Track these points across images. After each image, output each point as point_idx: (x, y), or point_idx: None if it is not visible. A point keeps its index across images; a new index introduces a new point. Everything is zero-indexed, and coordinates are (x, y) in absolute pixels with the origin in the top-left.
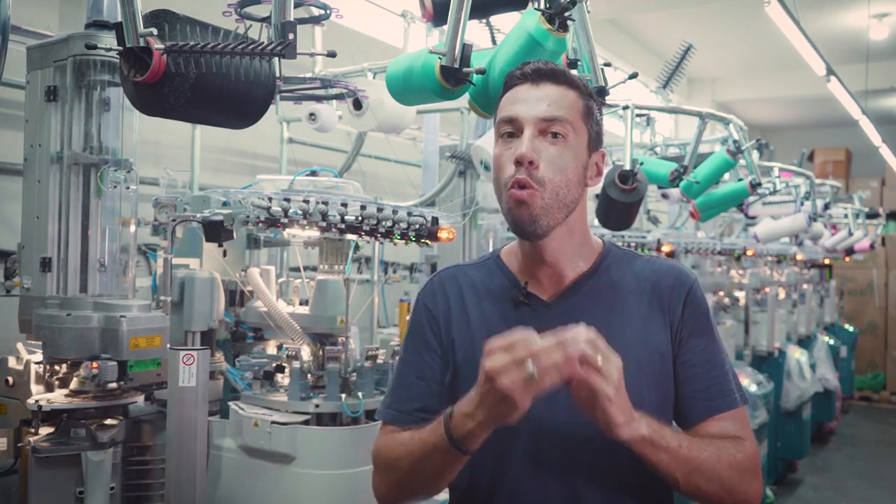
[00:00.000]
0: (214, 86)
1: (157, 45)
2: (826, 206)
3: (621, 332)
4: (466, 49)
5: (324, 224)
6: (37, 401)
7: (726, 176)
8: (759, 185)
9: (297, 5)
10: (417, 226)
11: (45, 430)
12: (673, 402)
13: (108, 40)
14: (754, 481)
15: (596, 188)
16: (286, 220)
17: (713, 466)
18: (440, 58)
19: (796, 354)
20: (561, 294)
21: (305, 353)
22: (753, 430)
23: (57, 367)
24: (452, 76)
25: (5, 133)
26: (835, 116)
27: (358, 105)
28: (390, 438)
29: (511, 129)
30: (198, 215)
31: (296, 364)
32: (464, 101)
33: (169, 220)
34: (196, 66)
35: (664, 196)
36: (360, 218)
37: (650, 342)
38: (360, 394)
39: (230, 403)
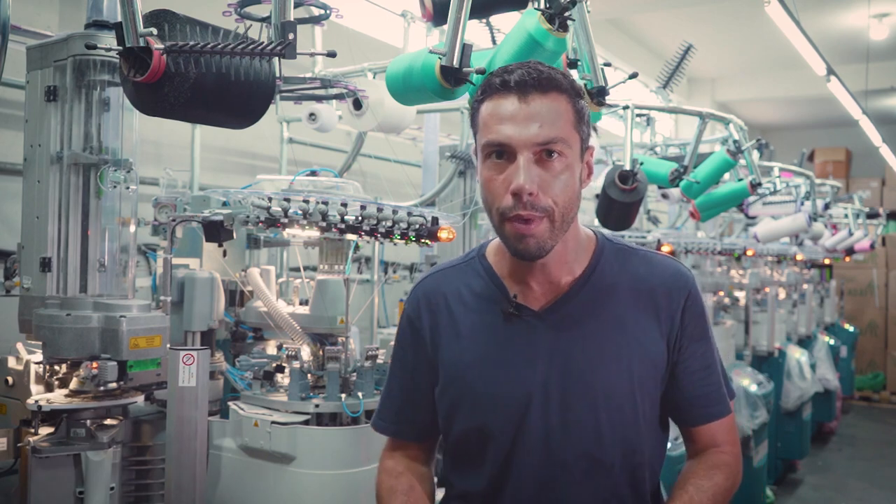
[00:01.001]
0: (214, 86)
1: (157, 45)
2: (826, 206)
3: (615, 343)
4: (466, 49)
5: (324, 224)
6: (37, 401)
7: (726, 176)
8: (760, 185)
9: (297, 5)
10: (417, 226)
11: (45, 430)
12: (660, 407)
13: (108, 40)
14: (738, 478)
15: (596, 188)
16: (286, 220)
17: None
18: (440, 58)
19: (796, 354)
20: (553, 304)
21: (305, 353)
22: (753, 431)
23: (57, 367)
24: (452, 76)
25: (5, 133)
26: (835, 116)
27: (358, 105)
28: (389, 477)
29: (500, 151)
30: (198, 215)
31: (296, 364)
32: (464, 101)
33: (169, 220)
34: (196, 66)
35: (664, 196)
36: (360, 218)
37: (645, 353)
38: (360, 394)
39: (230, 403)
